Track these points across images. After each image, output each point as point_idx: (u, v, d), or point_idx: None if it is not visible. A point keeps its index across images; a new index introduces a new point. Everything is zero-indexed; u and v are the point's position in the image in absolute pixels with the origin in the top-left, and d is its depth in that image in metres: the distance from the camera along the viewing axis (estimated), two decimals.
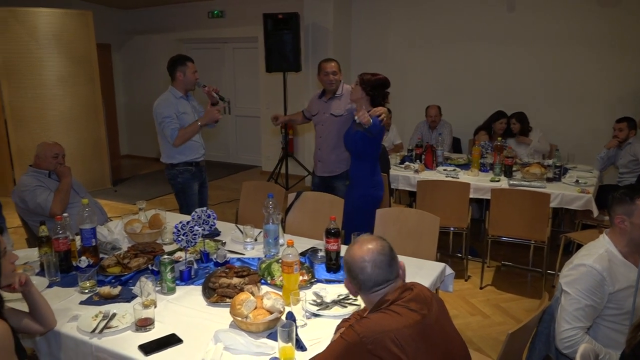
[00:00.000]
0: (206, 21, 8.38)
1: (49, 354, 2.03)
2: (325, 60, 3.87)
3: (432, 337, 1.54)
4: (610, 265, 2.03)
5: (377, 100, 3.32)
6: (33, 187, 3.33)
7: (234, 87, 8.65)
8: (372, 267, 1.61)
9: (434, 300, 1.63)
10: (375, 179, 3.41)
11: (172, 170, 3.83)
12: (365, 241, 1.67)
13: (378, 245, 1.65)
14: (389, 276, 1.63)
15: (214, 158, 8.87)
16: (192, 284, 2.37)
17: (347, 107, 3.76)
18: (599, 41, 5.71)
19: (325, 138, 3.86)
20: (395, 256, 1.67)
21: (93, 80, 6.98)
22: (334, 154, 3.85)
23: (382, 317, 1.53)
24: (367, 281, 1.62)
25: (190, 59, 3.81)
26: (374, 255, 1.62)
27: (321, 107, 3.90)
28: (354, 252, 1.66)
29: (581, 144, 5.72)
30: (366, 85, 3.30)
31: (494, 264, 4.51)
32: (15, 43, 6.29)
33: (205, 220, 2.64)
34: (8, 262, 1.79)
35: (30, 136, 6.35)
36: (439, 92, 6.60)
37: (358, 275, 1.63)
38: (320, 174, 3.96)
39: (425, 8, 6.62)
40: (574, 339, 2.00)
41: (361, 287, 1.65)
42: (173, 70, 3.77)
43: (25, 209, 3.37)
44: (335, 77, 3.78)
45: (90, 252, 2.57)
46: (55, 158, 3.44)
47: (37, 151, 3.45)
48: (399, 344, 1.46)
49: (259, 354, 1.79)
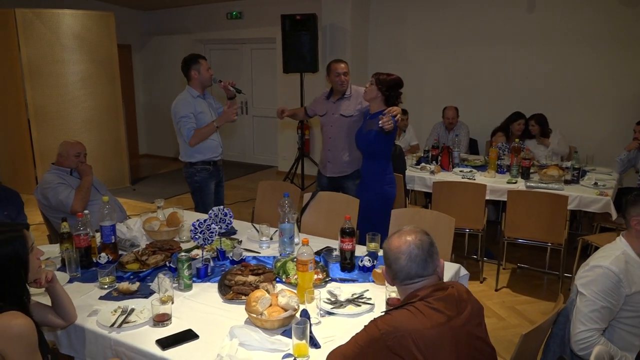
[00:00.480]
0: (225, 22, 8.46)
1: (69, 346, 2.09)
2: (335, 60, 3.89)
3: (455, 340, 1.51)
4: (627, 267, 2.01)
5: (391, 99, 3.37)
6: (55, 184, 3.40)
7: (252, 88, 8.70)
8: (407, 260, 1.60)
9: (469, 304, 1.60)
10: (389, 177, 3.46)
11: (190, 168, 3.87)
12: (406, 232, 1.65)
13: (417, 238, 1.62)
14: (423, 272, 1.60)
15: (231, 158, 8.94)
16: (208, 281, 2.40)
17: (358, 107, 3.77)
18: (620, 42, 5.62)
19: (336, 139, 3.86)
20: (435, 252, 1.64)
21: (114, 81, 7.10)
22: (345, 154, 3.85)
23: (405, 315, 1.52)
24: (400, 272, 1.62)
25: (202, 57, 3.86)
26: (411, 248, 1.60)
27: (330, 108, 3.90)
28: (392, 241, 1.65)
29: (601, 146, 5.64)
30: (382, 85, 3.34)
31: (510, 266, 4.48)
32: (40, 44, 6.44)
33: (222, 218, 2.67)
34: (35, 258, 1.84)
35: (53, 135, 6.48)
36: (456, 93, 6.56)
37: (391, 264, 1.63)
38: (330, 174, 3.96)
39: (443, 8, 6.59)
40: (589, 341, 1.99)
41: (395, 277, 1.65)
42: (187, 70, 3.82)
43: (48, 206, 3.44)
44: (346, 77, 3.79)
45: (110, 249, 2.63)
46: (77, 157, 3.51)
47: (60, 150, 3.53)
48: (417, 345, 1.45)
49: (274, 351, 1.81)
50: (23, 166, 6.88)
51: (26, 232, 1.82)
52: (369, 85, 3.41)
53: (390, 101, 3.37)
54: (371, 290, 2.27)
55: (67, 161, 3.50)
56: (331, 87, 3.92)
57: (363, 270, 2.51)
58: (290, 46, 6.41)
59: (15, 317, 1.64)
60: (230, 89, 3.88)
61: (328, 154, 3.94)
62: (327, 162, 3.95)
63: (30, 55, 6.41)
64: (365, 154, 3.49)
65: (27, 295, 1.80)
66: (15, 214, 3.27)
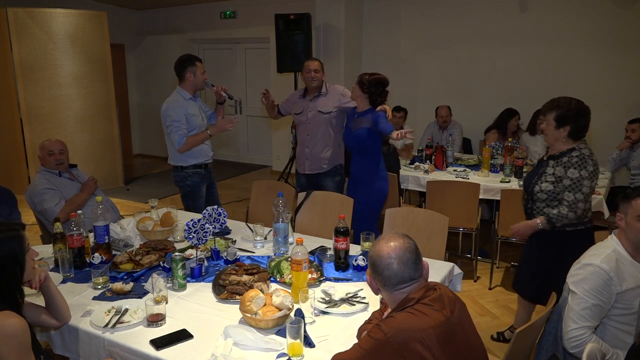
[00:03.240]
0: (218, 22, 8.44)
1: (63, 347, 2.08)
2: (309, 59, 3.99)
3: (454, 338, 1.53)
4: (617, 265, 2.03)
5: (375, 98, 3.44)
6: (42, 189, 3.30)
7: (246, 88, 8.70)
8: (399, 264, 1.60)
9: (457, 302, 1.62)
10: (382, 172, 3.55)
11: (181, 172, 3.79)
12: (392, 238, 1.65)
13: (405, 242, 1.64)
14: (414, 274, 1.62)
15: (225, 157, 8.93)
16: (202, 280, 2.40)
17: (336, 104, 3.83)
18: (612, 41, 5.66)
19: (314, 135, 3.90)
20: (421, 255, 1.67)
21: (107, 80, 7.07)
22: (324, 149, 3.90)
23: (409, 317, 1.53)
24: (393, 278, 1.61)
25: (198, 59, 3.78)
26: (401, 252, 1.61)
27: (306, 106, 3.92)
28: (381, 247, 1.64)
29: (593, 145, 5.64)
30: (363, 85, 3.44)
31: (504, 264, 4.50)
32: (32, 43, 6.40)
33: (216, 218, 2.67)
34: (30, 259, 1.84)
35: (46, 135, 6.43)
36: (450, 92, 6.59)
37: (384, 271, 1.61)
38: (308, 171, 3.99)
39: (436, 7, 6.61)
40: (581, 339, 2.01)
41: (385, 284, 1.63)
42: (182, 70, 3.72)
43: (34, 210, 3.41)
44: (317, 74, 3.82)
45: (104, 249, 2.62)
46: (51, 155, 3.38)
47: (38, 151, 3.45)
48: (425, 344, 1.46)
49: (268, 350, 1.81)
50: (15, 166, 6.84)
51: (23, 232, 1.82)
52: (354, 85, 3.51)
53: (374, 100, 3.44)
54: (365, 289, 2.28)
55: (46, 163, 3.41)
56: (305, 87, 3.97)
57: (357, 269, 2.52)
58: (284, 46, 6.41)
59: (8, 316, 1.64)
60: (223, 95, 3.86)
61: (306, 151, 3.96)
62: (305, 160, 3.98)
63: (23, 55, 6.37)
64: (357, 152, 3.55)
65: (22, 295, 1.80)
66: (7, 213, 3.23)
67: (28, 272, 1.83)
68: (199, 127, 3.76)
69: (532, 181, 2.84)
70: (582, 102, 2.72)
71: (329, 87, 3.92)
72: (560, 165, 2.69)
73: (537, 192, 2.78)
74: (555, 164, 2.72)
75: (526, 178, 2.98)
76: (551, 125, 2.72)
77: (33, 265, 1.88)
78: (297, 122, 4.04)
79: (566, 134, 2.70)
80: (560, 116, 2.68)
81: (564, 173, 2.67)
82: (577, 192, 2.63)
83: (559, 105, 2.69)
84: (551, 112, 2.71)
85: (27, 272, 1.82)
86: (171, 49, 8.84)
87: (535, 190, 2.79)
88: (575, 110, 2.67)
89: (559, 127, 2.69)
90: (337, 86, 3.97)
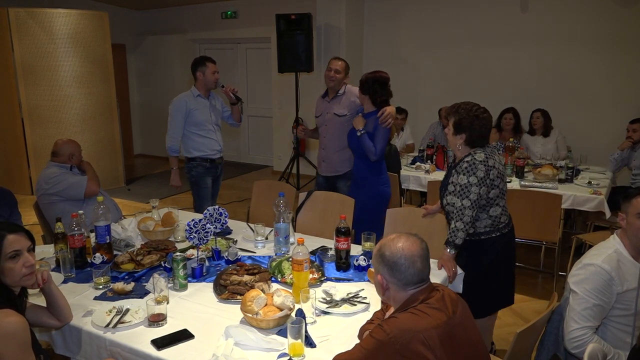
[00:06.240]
0: (219, 22, 8.45)
1: (64, 347, 2.08)
2: (334, 57, 3.90)
3: (456, 338, 1.54)
4: (619, 266, 2.03)
5: (376, 98, 3.38)
6: (61, 173, 3.41)
7: (247, 88, 8.70)
8: (422, 262, 1.62)
9: (459, 303, 1.63)
10: (384, 177, 3.47)
11: (188, 163, 4.11)
12: (409, 237, 1.66)
13: (422, 242, 1.66)
14: (427, 275, 1.64)
15: (226, 157, 8.78)
16: (203, 280, 2.40)
17: (350, 106, 3.77)
18: (614, 41, 5.66)
19: (330, 138, 3.87)
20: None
21: (108, 80, 7.08)
22: (339, 153, 3.85)
23: (411, 318, 1.53)
24: (415, 276, 1.61)
25: (210, 60, 4.01)
26: (423, 252, 1.64)
27: (324, 107, 3.90)
28: (402, 246, 1.62)
29: (594, 145, 5.67)
30: (362, 85, 3.39)
31: None
32: (33, 43, 6.40)
33: (217, 218, 2.67)
34: (19, 265, 1.80)
35: (47, 135, 6.46)
36: (451, 93, 6.57)
37: (407, 269, 1.60)
38: (324, 173, 3.97)
39: (438, 8, 6.61)
40: (583, 339, 2.00)
41: (404, 283, 1.62)
42: (194, 70, 4.00)
43: (54, 194, 3.38)
44: (337, 75, 3.74)
45: (105, 249, 2.62)
46: (71, 159, 3.50)
47: (55, 148, 3.49)
48: (427, 345, 1.47)
49: (269, 350, 1.81)
50: (17, 166, 6.85)
51: (8, 235, 1.75)
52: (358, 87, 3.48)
53: (375, 100, 3.38)
54: (366, 289, 2.28)
55: (62, 160, 3.48)
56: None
57: (358, 269, 2.52)
58: (285, 46, 6.41)
59: (8, 315, 1.63)
60: (232, 96, 4.07)
61: (322, 152, 3.95)
62: (322, 161, 3.96)
63: (24, 55, 6.38)
64: (358, 155, 3.50)
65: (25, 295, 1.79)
66: (8, 213, 3.24)
67: (13, 278, 1.75)
68: (203, 122, 4.03)
69: (442, 194, 2.70)
70: (483, 110, 2.55)
71: (346, 90, 3.83)
72: (456, 173, 2.56)
73: (446, 206, 2.64)
74: (455, 172, 2.58)
75: (440, 188, 2.81)
76: (450, 131, 2.60)
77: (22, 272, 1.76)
78: (317, 125, 4.01)
79: (462, 141, 2.55)
80: (457, 123, 2.54)
81: (456, 179, 2.54)
82: (464, 199, 2.47)
83: (457, 111, 2.55)
84: (451, 118, 2.59)
85: (11, 278, 1.74)
86: (172, 49, 8.86)
87: (444, 204, 2.66)
88: (472, 117, 2.50)
89: (456, 133, 2.56)
90: (354, 88, 3.79)
